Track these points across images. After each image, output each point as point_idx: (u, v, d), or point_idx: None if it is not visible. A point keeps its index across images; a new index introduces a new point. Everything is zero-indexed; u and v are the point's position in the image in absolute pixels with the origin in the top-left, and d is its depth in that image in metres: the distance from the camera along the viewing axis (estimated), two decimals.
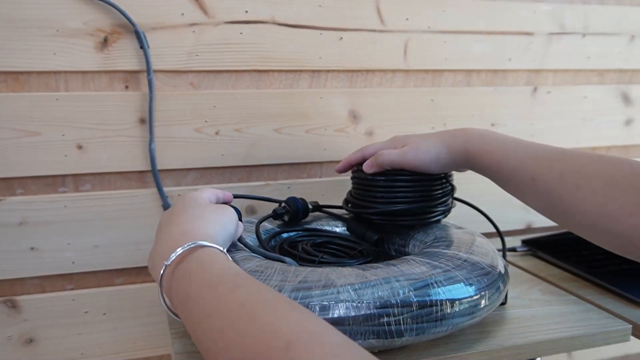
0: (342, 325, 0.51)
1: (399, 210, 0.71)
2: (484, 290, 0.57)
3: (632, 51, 1.07)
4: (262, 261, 0.59)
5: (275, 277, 0.54)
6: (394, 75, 0.93)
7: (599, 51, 1.04)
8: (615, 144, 1.09)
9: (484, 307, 0.57)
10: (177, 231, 0.54)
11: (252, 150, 0.86)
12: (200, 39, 0.82)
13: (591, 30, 1.03)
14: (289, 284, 0.53)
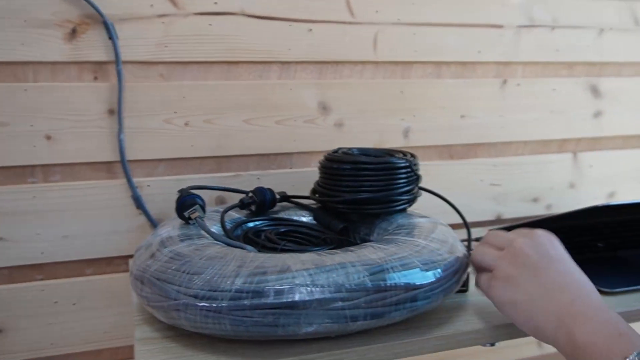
0: (297, 309, 0.51)
1: (364, 199, 0.72)
2: (441, 276, 0.58)
3: (600, 44, 1.08)
4: (223, 248, 0.60)
5: (233, 263, 0.55)
6: (364, 67, 0.93)
7: (568, 44, 1.06)
8: (584, 136, 1.11)
9: (441, 292, 0.59)
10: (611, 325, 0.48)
11: (221, 142, 0.87)
12: (170, 30, 0.82)
13: (560, 23, 1.04)
14: (245, 270, 0.54)
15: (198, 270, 0.55)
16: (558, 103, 1.07)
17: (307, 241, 0.72)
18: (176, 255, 0.59)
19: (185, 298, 0.53)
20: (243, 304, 0.52)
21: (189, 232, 0.65)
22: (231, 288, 0.52)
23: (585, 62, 1.08)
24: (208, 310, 0.52)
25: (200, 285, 0.53)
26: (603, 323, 0.48)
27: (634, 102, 1.13)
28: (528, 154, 1.07)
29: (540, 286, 0.53)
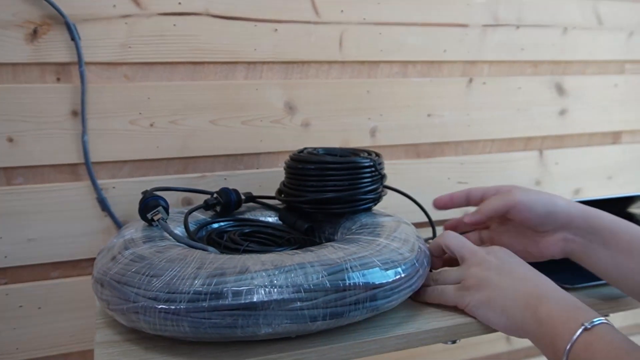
0: (255, 310, 0.52)
1: (329, 198, 0.73)
2: (401, 275, 0.59)
3: (565, 43, 1.10)
4: (184, 250, 0.60)
5: (193, 264, 0.55)
6: (330, 67, 0.94)
7: (533, 43, 1.07)
8: (550, 134, 1.12)
9: (401, 291, 0.59)
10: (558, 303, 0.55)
11: (187, 142, 0.87)
12: (133, 31, 0.82)
13: (525, 22, 1.06)
14: (204, 271, 0.54)
15: (158, 273, 0.55)
16: (524, 101, 1.09)
17: (271, 241, 0.73)
18: (137, 257, 0.58)
19: (144, 300, 0.53)
20: (201, 305, 0.52)
21: (151, 234, 0.65)
22: (190, 290, 0.52)
23: (550, 60, 1.10)
24: (167, 312, 0.52)
25: (159, 287, 0.53)
26: (562, 300, 0.55)
27: (598, 100, 1.15)
28: (494, 152, 1.08)
29: (508, 280, 0.60)
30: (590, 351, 0.49)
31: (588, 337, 0.50)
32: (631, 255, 0.62)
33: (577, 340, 0.50)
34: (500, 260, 0.63)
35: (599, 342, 0.49)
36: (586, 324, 0.50)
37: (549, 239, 0.68)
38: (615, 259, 0.63)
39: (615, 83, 1.17)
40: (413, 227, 0.71)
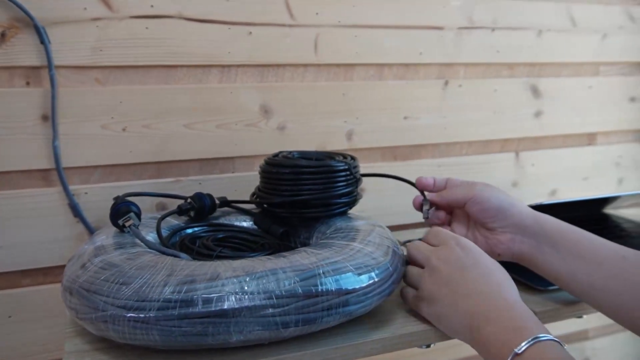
0: (226, 318, 0.51)
1: (304, 202, 0.72)
2: (375, 280, 0.58)
3: (540, 45, 1.11)
4: (155, 256, 0.59)
5: (163, 271, 0.54)
6: (306, 70, 0.93)
7: (509, 45, 1.08)
8: (526, 136, 1.13)
9: (375, 296, 0.59)
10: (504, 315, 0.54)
11: (161, 147, 0.86)
12: (105, 34, 0.81)
13: (500, 24, 1.06)
14: (174, 278, 0.53)
15: (127, 280, 0.54)
16: (500, 103, 1.09)
17: (245, 247, 0.72)
18: (106, 264, 0.57)
19: (113, 309, 0.52)
20: (171, 313, 0.51)
21: (122, 240, 0.64)
22: (159, 298, 0.51)
23: (525, 62, 1.11)
24: (136, 321, 0.51)
25: (129, 295, 0.52)
26: (503, 321, 0.53)
27: (573, 101, 1.16)
28: (471, 154, 1.09)
29: (455, 296, 0.58)
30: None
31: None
32: (581, 257, 0.63)
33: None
34: (453, 266, 0.60)
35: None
36: (516, 350, 0.49)
37: (499, 237, 0.69)
38: (564, 262, 0.64)
39: (589, 85, 1.18)
40: (388, 231, 0.71)
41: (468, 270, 0.59)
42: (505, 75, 1.09)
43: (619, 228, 1.01)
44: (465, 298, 0.57)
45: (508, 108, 1.10)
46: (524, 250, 0.67)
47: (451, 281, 0.59)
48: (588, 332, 1.29)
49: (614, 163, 1.23)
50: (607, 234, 0.96)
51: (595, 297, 0.61)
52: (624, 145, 1.24)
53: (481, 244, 0.70)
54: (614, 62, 1.20)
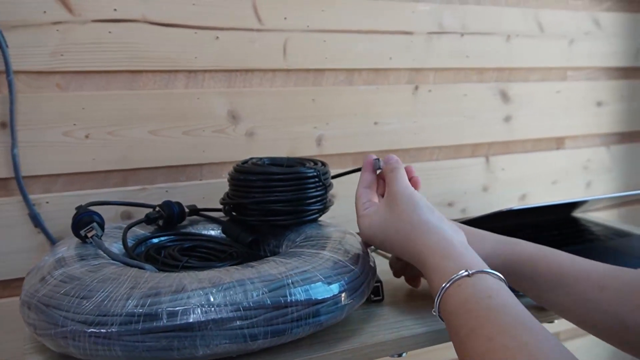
0: (192, 331, 0.49)
1: (274, 210, 0.70)
2: (345, 289, 0.57)
3: (508, 50, 1.11)
4: (118, 268, 0.57)
5: (127, 284, 0.52)
6: (274, 75, 0.92)
7: (478, 50, 1.08)
8: (496, 140, 1.13)
9: (346, 305, 0.57)
10: (429, 251, 0.55)
11: (126, 154, 0.83)
12: (66, 38, 0.78)
13: (469, 30, 1.06)
14: (138, 291, 0.51)
15: (88, 294, 0.52)
16: (470, 108, 1.09)
17: (213, 256, 0.70)
18: (67, 277, 0.55)
19: (73, 324, 0.50)
20: (134, 328, 0.49)
21: (85, 251, 0.62)
22: (122, 312, 0.49)
23: (494, 67, 1.11)
24: (97, 336, 0.49)
25: (90, 309, 0.50)
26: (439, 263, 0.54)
27: (542, 106, 1.17)
28: (442, 159, 1.08)
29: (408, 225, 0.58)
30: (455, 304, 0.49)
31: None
32: (555, 292, 0.61)
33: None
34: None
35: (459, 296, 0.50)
36: (464, 272, 0.50)
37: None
38: (539, 296, 0.63)
39: (557, 89, 1.19)
40: (359, 238, 0.70)
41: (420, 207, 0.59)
42: (475, 80, 1.10)
43: (588, 231, 1.02)
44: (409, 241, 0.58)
45: (478, 113, 1.10)
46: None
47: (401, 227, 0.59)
48: (559, 334, 1.29)
49: (582, 167, 1.25)
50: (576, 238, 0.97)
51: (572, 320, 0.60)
52: (592, 149, 1.25)
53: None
54: (581, 67, 1.22)
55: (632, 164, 1.31)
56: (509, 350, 0.42)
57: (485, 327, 0.45)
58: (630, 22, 1.25)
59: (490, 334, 0.44)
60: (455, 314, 0.48)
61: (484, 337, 0.45)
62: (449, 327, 0.49)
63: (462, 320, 0.47)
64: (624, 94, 1.27)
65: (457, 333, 0.47)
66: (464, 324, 0.47)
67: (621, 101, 1.27)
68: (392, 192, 0.61)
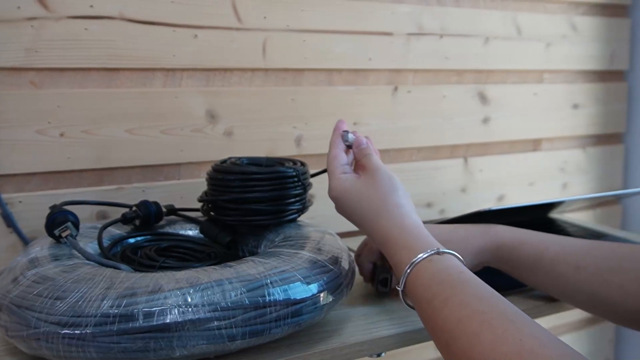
0: (169, 332, 0.48)
1: (252, 210, 0.70)
2: (324, 289, 0.57)
3: (487, 52, 1.12)
4: (93, 268, 0.56)
5: (102, 284, 0.51)
6: (253, 75, 0.91)
7: (457, 52, 1.09)
8: (474, 142, 1.14)
9: (325, 305, 0.57)
10: (394, 233, 0.56)
11: (102, 153, 0.82)
12: (41, 35, 0.77)
13: (448, 31, 1.07)
14: (113, 291, 0.50)
15: (62, 295, 0.51)
16: (448, 109, 1.10)
17: (190, 256, 0.69)
18: (40, 278, 0.54)
19: (46, 326, 0.49)
20: (109, 329, 0.48)
21: (59, 252, 0.61)
22: (97, 312, 0.49)
23: (473, 69, 1.12)
24: (71, 338, 0.48)
25: (63, 310, 0.49)
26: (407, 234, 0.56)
27: (519, 108, 1.18)
28: (421, 160, 1.09)
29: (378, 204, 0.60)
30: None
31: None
32: (557, 279, 0.64)
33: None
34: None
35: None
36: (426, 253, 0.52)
37: None
38: (522, 278, 0.67)
39: (534, 92, 1.20)
40: (338, 238, 0.69)
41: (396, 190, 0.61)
42: (454, 81, 1.10)
43: (565, 232, 1.03)
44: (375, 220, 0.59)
45: (457, 114, 1.11)
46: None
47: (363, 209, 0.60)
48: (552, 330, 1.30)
49: (558, 168, 1.26)
50: None
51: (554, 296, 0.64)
52: (568, 151, 1.27)
53: None
54: (557, 70, 1.23)
55: (607, 165, 1.33)
56: (486, 314, 0.44)
57: (460, 296, 0.47)
58: (605, 26, 1.27)
59: (466, 301, 0.46)
60: (428, 286, 0.50)
61: (460, 304, 0.46)
62: (420, 300, 0.50)
63: (436, 290, 0.49)
64: (600, 97, 1.29)
65: (430, 303, 0.48)
66: (438, 293, 0.48)
67: (597, 104, 1.29)
68: (373, 169, 0.62)
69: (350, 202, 0.61)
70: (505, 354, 0.40)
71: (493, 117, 1.15)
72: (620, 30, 1.30)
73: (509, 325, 0.43)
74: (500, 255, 0.67)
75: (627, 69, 1.33)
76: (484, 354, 0.41)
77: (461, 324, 0.44)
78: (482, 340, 0.42)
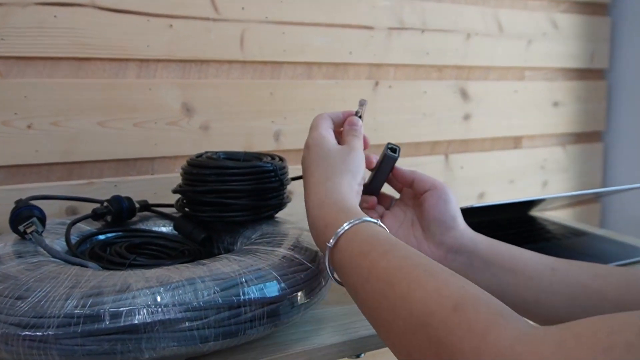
0: (137, 334, 0.46)
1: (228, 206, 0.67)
2: (301, 287, 0.55)
3: (468, 48, 1.11)
4: (58, 266, 0.53)
5: (66, 282, 0.49)
6: (231, 67, 0.89)
7: (438, 47, 1.07)
8: (455, 138, 1.13)
9: (302, 305, 0.55)
10: (330, 201, 0.55)
11: (72, 146, 0.79)
12: (6, 22, 0.73)
13: (429, 26, 1.05)
14: (78, 290, 0.47)
15: (23, 294, 0.48)
16: (429, 105, 1.08)
17: (163, 254, 0.66)
18: (1, 276, 0.51)
19: (6, 327, 0.46)
20: (73, 330, 0.45)
21: (23, 249, 0.58)
22: (60, 313, 0.46)
23: (454, 65, 1.10)
24: (32, 340, 0.45)
25: (24, 311, 0.46)
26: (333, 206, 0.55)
27: (500, 105, 1.17)
28: (401, 157, 1.06)
29: (319, 173, 0.59)
30: (341, 260, 0.50)
31: (338, 246, 0.51)
32: (512, 272, 0.61)
33: (331, 251, 0.51)
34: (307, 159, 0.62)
35: (345, 251, 0.50)
36: (330, 243, 0.51)
37: (432, 248, 0.64)
38: (496, 277, 0.61)
39: (515, 89, 1.19)
40: None
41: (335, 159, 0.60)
42: (435, 77, 1.09)
43: (545, 230, 1.02)
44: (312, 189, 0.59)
45: (438, 110, 1.09)
46: (454, 266, 0.63)
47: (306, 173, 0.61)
48: None
49: (539, 166, 1.25)
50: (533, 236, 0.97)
51: (529, 310, 0.59)
52: (549, 148, 1.26)
53: (412, 245, 0.66)
54: (538, 68, 1.22)
55: (587, 163, 1.33)
56: (427, 266, 0.44)
57: (401, 250, 0.47)
58: (586, 24, 1.27)
59: (407, 255, 0.46)
60: (366, 241, 0.49)
61: (401, 256, 0.46)
62: (356, 255, 0.49)
63: (375, 244, 0.48)
64: (580, 95, 1.29)
65: (367, 255, 0.47)
66: (377, 247, 0.48)
67: (577, 102, 1.28)
68: (351, 147, 0.62)
69: (318, 156, 0.61)
70: (448, 297, 0.39)
71: (474, 114, 1.14)
72: (600, 28, 1.29)
73: (450, 276, 0.42)
74: (477, 252, 0.63)
75: (607, 67, 1.33)
76: (425, 298, 0.40)
77: (402, 271, 0.44)
78: (425, 285, 0.41)
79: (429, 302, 0.40)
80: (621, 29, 1.31)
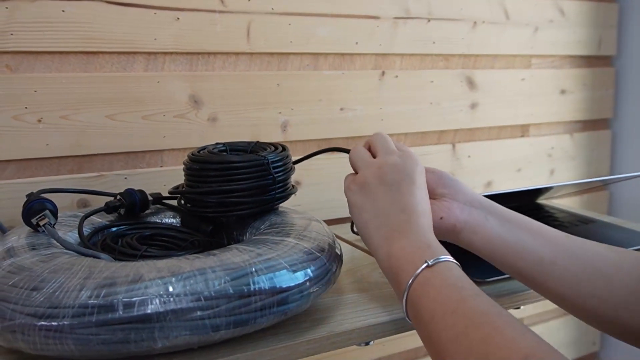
0: (150, 323, 0.47)
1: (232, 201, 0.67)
2: (311, 276, 0.56)
3: (474, 37, 1.11)
4: (72, 258, 0.54)
5: (80, 273, 0.49)
6: (238, 59, 0.89)
7: (444, 36, 1.07)
8: (461, 127, 1.13)
9: (312, 293, 0.56)
10: (413, 239, 0.56)
11: (82, 139, 0.80)
12: (15, 17, 0.74)
13: (435, 15, 1.05)
14: (92, 281, 0.48)
15: (39, 285, 0.49)
16: (436, 95, 1.08)
17: (174, 245, 0.67)
18: (16, 268, 0.52)
19: (22, 317, 0.47)
20: (88, 320, 0.46)
21: (36, 241, 0.59)
22: (74, 303, 0.47)
23: (460, 54, 1.10)
24: (48, 330, 0.46)
25: (40, 301, 0.47)
26: (416, 239, 0.56)
27: (507, 93, 1.17)
28: (408, 146, 1.07)
29: (383, 203, 0.59)
30: (427, 286, 0.51)
31: (428, 273, 0.51)
32: (529, 232, 0.61)
33: (419, 275, 0.52)
34: (399, 172, 0.60)
35: (436, 278, 0.51)
36: (429, 262, 0.52)
37: (445, 204, 0.64)
38: (512, 233, 0.61)
39: (522, 77, 1.19)
40: (325, 225, 0.68)
41: (406, 183, 0.60)
42: (441, 66, 1.09)
43: (552, 217, 1.02)
44: (391, 213, 0.58)
45: (444, 99, 1.09)
46: (470, 219, 0.63)
47: (389, 185, 0.59)
48: (523, 320, 1.30)
49: (546, 154, 1.25)
50: None
51: (542, 272, 0.59)
52: (556, 136, 1.26)
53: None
54: (545, 55, 1.22)
55: (594, 151, 1.33)
56: (509, 317, 0.45)
57: (487, 297, 0.48)
58: (593, 11, 1.26)
59: (493, 302, 0.48)
60: (461, 278, 0.51)
61: (488, 303, 0.47)
62: (450, 287, 0.50)
63: (466, 284, 0.50)
64: (587, 82, 1.28)
65: (460, 291, 0.49)
66: (469, 287, 0.50)
67: (584, 90, 1.28)
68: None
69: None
70: (522, 348, 0.42)
71: (481, 103, 1.14)
72: (608, 15, 1.29)
73: (528, 330, 0.44)
74: (493, 209, 0.64)
75: (614, 54, 1.32)
76: (502, 345, 0.43)
77: (488, 316, 0.46)
78: (504, 333, 0.44)
79: (505, 349, 0.42)
80: (629, 15, 1.31)
